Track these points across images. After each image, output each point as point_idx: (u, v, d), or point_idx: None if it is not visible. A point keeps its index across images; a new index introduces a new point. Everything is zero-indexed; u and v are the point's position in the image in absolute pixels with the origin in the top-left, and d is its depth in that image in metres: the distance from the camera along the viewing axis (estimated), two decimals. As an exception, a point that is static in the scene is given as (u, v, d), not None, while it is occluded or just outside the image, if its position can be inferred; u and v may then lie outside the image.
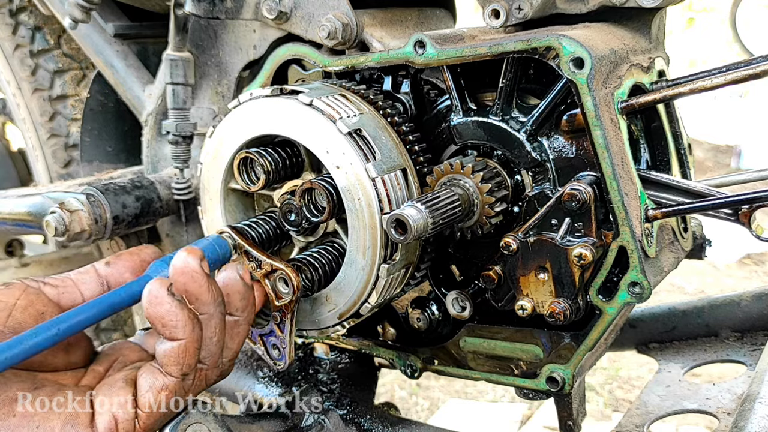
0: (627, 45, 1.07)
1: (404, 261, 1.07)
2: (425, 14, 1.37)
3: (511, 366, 1.13)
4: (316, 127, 1.04)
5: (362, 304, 1.08)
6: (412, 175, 1.08)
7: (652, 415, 1.25)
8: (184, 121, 1.44)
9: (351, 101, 1.09)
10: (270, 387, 1.42)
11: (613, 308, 1.00)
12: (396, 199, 1.04)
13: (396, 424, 1.28)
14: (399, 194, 1.05)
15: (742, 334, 1.43)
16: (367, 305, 1.07)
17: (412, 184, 1.08)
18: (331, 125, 1.03)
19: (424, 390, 3.37)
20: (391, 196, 1.03)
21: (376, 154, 1.04)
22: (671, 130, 1.15)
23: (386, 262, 1.04)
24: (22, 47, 1.93)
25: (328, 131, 1.03)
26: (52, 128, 1.96)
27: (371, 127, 1.06)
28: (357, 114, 1.06)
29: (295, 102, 1.06)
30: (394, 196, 1.03)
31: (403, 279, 1.10)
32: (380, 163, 1.03)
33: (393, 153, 1.06)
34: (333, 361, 1.38)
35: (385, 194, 1.02)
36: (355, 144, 1.02)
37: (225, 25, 1.40)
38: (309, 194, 1.06)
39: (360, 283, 1.06)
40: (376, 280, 1.05)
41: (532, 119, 1.05)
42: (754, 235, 0.99)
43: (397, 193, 1.04)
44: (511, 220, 1.10)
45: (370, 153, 1.03)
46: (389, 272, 1.04)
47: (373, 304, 1.07)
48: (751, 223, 0.98)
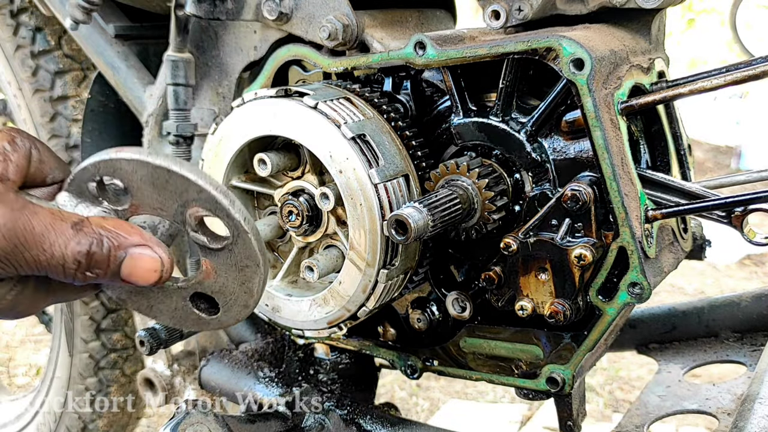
0: (627, 46, 1.07)
1: (403, 266, 1.08)
2: (426, 15, 1.38)
3: (511, 366, 1.13)
4: (320, 131, 1.04)
5: (360, 308, 1.08)
6: (414, 181, 1.08)
7: (652, 415, 1.25)
8: (185, 121, 1.44)
9: (356, 105, 1.09)
10: (270, 387, 1.42)
11: (613, 309, 1.00)
12: (398, 205, 1.04)
13: (396, 425, 1.28)
14: (401, 201, 1.05)
15: (741, 335, 1.43)
16: (365, 309, 1.08)
17: (413, 190, 1.08)
18: (335, 129, 1.03)
19: (424, 390, 3.37)
20: (393, 203, 1.03)
21: (380, 160, 1.04)
22: (671, 131, 1.15)
23: (386, 267, 1.05)
24: (23, 48, 1.93)
25: (332, 135, 1.03)
26: (53, 129, 1.96)
27: (375, 132, 1.06)
28: (361, 119, 1.06)
29: (300, 104, 1.06)
30: (396, 202, 1.04)
31: (401, 284, 1.11)
32: (383, 169, 1.03)
33: (396, 159, 1.07)
34: (333, 362, 1.38)
35: (387, 201, 1.02)
36: (358, 149, 1.03)
37: (226, 26, 1.40)
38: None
39: (358, 288, 1.06)
40: (374, 285, 1.05)
41: (533, 120, 1.05)
42: (746, 239, 0.99)
43: (399, 200, 1.04)
44: (512, 220, 1.10)
45: (374, 158, 1.03)
46: (388, 277, 1.05)
47: (371, 308, 1.08)
48: (743, 226, 0.98)
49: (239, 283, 0.84)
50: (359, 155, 1.02)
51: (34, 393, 2.37)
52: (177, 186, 0.79)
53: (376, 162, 1.03)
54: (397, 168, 1.06)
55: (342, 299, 1.08)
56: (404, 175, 1.07)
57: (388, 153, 1.06)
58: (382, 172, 1.03)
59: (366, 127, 1.05)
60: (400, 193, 1.05)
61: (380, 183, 1.02)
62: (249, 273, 0.83)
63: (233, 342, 1.63)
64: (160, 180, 0.79)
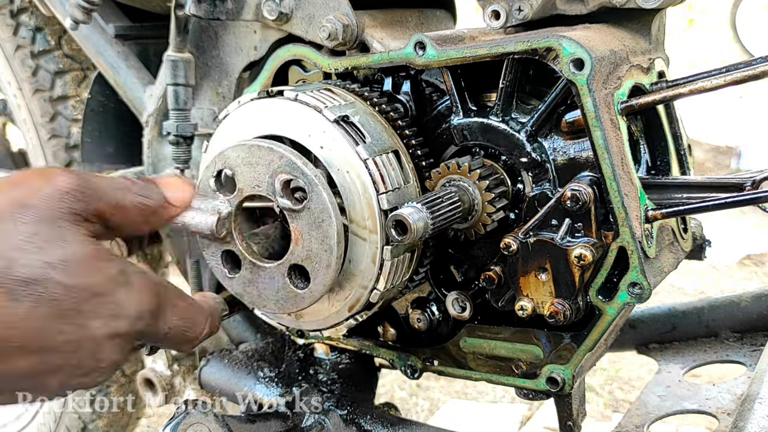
0: (627, 46, 1.07)
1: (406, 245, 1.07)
2: (426, 15, 1.38)
3: (511, 366, 1.13)
4: (303, 118, 1.05)
5: (373, 288, 1.07)
6: (405, 157, 1.09)
7: (652, 415, 1.25)
8: (185, 121, 1.44)
9: (336, 93, 1.10)
10: (270, 387, 1.42)
11: (613, 309, 1.00)
12: (390, 179, 1.04)
13: (396, 425, 1.28)
14: (393, 174, 1.05)
15: (741, 335, 1.43)
16: (377, 291, 1.07)
17: (406, 166, 1.08)
18: (318, 114, 1.04)
19: (424, 390, 3.37)
20: (384, 176, 1.04)
21: (366, 138, 1.04)
22: (671, 131, 1.15)
23: (389, 243, 1.04)
24: (23, 48, 1.93)
25: (315, 120, 1.04)
26: (53, 129, 1.96)
27: (359, 114, 1.07)
28: (343, 103, 1.07)
29: (280, 100, 1.07)
30: (388, 175, 1.04)
31: (409, 265, 1.10)
32: (371, 146, 1.04)
33: (383, 136, 1.07)
34: (333, 362, 1.38)
35: (378, 174, 1.03)
36: (343, 130, 1.03)
37: (226, 26, 1.40)
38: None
39: (367, 259, 1.06)
40: (381, 263, 1.05)
41: (533, 120, 1.05)
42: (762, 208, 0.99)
43: (390, 173, 1.05)
44: (512, 220, 1.10)
45: (360, 137, 1.04)
46: (393, 254, 1.04)
47: (383, 289, 1.07)
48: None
49: (319, 242, 0.99)
50: (344, 135, 1.03)
51: (34, 393, 2.37)
52: (265, 158, 0.99)
53: (363, 140, 1.04)
54: (386, 144, 1.06)
55: (355, 277, 1.07)
56: (394, 151, 1.07)
57: (374, 132, 1.07)
58: (371, 149, 1.03)
59: (348, 109, 1.06)
60: (392, 168, 1.06)
61: (369, 158, 1.02)
62: (325, 227, 0.98)
63: (233, 342, 1.63)
64: (253, 157, 1.00)
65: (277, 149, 0.99)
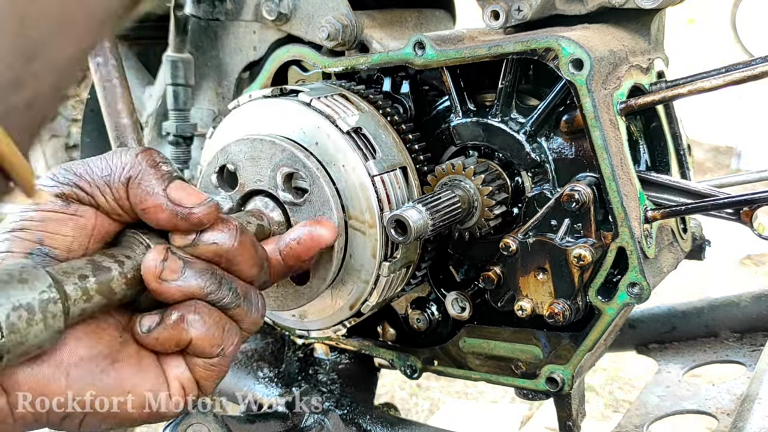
0: (626, 46, 1.07)
1: (405, 260, 1.07)
2: (425, 15, 1.38)
3: (510, 366, 1.13)
4: (314, 126, 1.04)
5: (363, 303, 1.08)
6: (413, 174, 1.08)
7: (652, 415, 1.25)
8: (185, 122, 1.44)
9: (351, 101, 1.09)
10: (270, 387, 1.42)
11: (613, 309, 1.00)
12: (396, 198, 1.04)
13: (396, 425, 1.28)
14: (399, 193, 1.05)
15: (741, 335, 1.43)
16: (368, 304, 1.07)
17: (412, 183, 1.08)
18: (330, 125, 1.03)
19: (424, 390, 3.37)
20: (390, 195, 1.03)
21: (377, 153, 1.04)
22: (670, 131, 1.15)
23: (387, 260, 1.04)
24: (22, 48, 1.93)
25: (327, 130, 1.03)
26: (53, 129, 1.96)
27: (371, 126, 1.06)
28: (356, 113, 1.06)
29: (293, 102, 1.06)
30: (394, 194, 1.04)
31: (403, 278, 1.10)
32: (380, 161, 1.03)
33: (393, 152, 1.07)
34: (333, 362, 1.38)
35: (384, 193, 1.02)
36: (353, 143, 1.03)
37: (225, 27, 1.40)
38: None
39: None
40: (377, 279, 1.05)
41: (532, 120, 1.05)
42: (756, 234, 0.99)
43: (396, 192, 1.04)
44: (511, 221, 1.10)
45: (370, 152, 1.03)
46: (390, 270, 1.04)
47: (373, 303, 1.07)
48: (753, 221, 0.98)
49: None
50: (355, 149, 1.02)
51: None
52: (267, 152, 1.00)
53: (373, 155, 1.03)
54: (395, 160, 1.06)
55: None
56: (402, 168, 1.07)
57: (384, 146, 1.06)
58: (380, 164, 1.03)
59: (362, 121, 1.06)
60: (398, 186, 1.05)
61: (378, 175, 1.02)
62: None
63: (233, 342, 1.63)
64: (256, 152, 1.00)
65: (280, 143, 0.99)
